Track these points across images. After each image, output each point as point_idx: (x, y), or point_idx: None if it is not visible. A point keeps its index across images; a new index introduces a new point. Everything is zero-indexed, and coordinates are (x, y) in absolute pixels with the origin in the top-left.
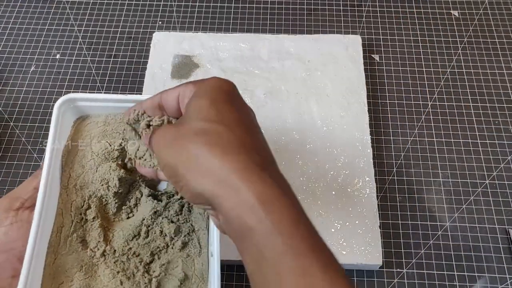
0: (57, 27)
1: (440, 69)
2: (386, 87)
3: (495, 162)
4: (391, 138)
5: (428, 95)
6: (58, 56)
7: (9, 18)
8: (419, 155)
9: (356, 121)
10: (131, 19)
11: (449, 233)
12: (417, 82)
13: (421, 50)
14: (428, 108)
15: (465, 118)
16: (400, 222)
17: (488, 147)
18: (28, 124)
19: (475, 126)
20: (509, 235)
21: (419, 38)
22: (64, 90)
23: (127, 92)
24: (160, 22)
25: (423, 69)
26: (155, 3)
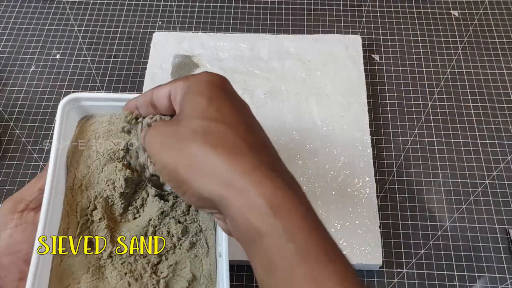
0: (57, 27)
1: (440, 69)
2: (386, 87)
3: (495, 162)
4: (391, 138)
5: (428, 95)
6: (58, 56)
7: (9, 18)
8: (419, 155)
9: (356, 121)
10: (131, 19)
11: (449, 233)
12: (417, 82)
13: (421, 50)
14: (428, 108)
15: (465, 118)
16: (400, 222)
17: (488, 147)
18: (28, 124)
19: (475, 126)
20: (509, 235)
21: (419, 38)
22: (64, 90)
23: (128, 92)
24: (160, 22)
25: (423, 69)
26: (155, 3)
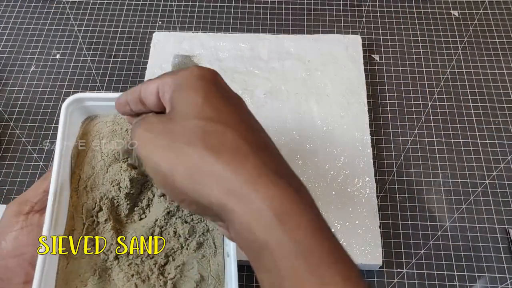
0: (57, 27)
1: (440, 69)
2: (386, 87)
3: (495, 162)
4: (391, 138)
5: (428, 95)
6: (58, 56)
7: (9, 18)
8: (419, 155)
9: (356, 121)
10: (131, 19)
11: (449, 233)
12: (417, 82)
13: (421, 50)
14: (428, 108)
15: (465, 118)
16: (400, 222)
17: (488, 147)
18: (28, 124)
19: (475, 126)
20: (509, 235)
21: (419, 38)
22: (64, 90)
23: None
24: (160, 22)
25: (423, 69)
26: (155, 3)
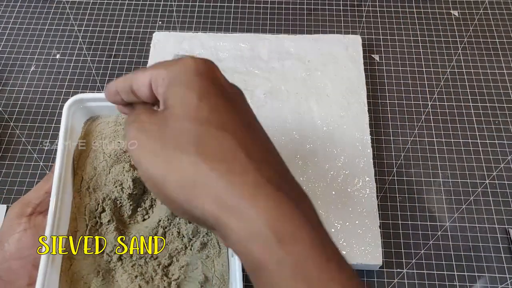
0: (57, 27)
1: (440, 69)
2: (386, 87)
3: (495, 162)
4: (391, 138)
5: (428, 95)
6: (58, 56)
7: (9, 18)
8: (419, 155)
9: (356, 121)
10: (131, 19)
11: (449, 233)
12: (417, 82)
13: (421, 50)
14: (428, 108)
15: (465, 118)
16: (400, 222)
17: (488, 147)
18: (28, 124)
19: (475, 126)
20: (509, 235)
21: (419, 38)
22: (64, 90)
23: None
24: (160, 22)
25: (423, 69)
26: (155, 3)
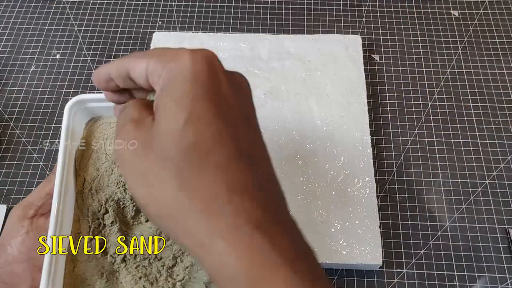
0: (57, 27)
1: (440, 69)
2: (386, 87)
3: (495, 162)
4: (391, 138)
5: (428, 95)
6: (58, 56)
7: (9, 18)
8: (419, 155)
9: (356, 121)
10: (131, 19)
11: (449, 233)
12: (417, 82)
13: (421, 50)
14: (428, 108)
15: (465, 118)
16: (400, 222)
17: (488, 147)
18: (28, 124)
19: (475, 126)
20: (509, 235)
21: (419, 38)
22: (64, 90)
23: None
24: (160, 22)
25: (423, 69)
26: (155, 3)
